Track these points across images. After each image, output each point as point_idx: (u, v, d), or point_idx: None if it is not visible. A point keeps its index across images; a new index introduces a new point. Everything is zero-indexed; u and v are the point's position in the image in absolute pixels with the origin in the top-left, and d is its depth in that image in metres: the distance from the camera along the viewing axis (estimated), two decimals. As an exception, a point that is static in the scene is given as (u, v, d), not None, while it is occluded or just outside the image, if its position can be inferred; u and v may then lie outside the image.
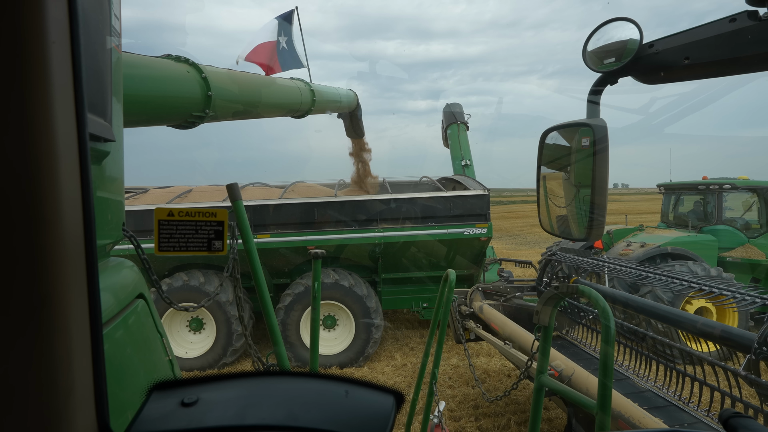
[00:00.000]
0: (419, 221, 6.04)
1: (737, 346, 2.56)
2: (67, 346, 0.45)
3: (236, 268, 2.12)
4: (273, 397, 0.52)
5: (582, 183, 1.50)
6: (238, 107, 3.14)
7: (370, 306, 5.95)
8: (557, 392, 1.82)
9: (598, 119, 1.40)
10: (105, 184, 0.94)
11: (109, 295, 0.90)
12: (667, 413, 2.91)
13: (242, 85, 3.24)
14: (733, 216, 7.67)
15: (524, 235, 22.73)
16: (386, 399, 0.54)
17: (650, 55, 1.31)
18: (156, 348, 1.05)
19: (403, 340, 7.03)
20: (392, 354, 6.44)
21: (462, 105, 8.95)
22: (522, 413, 4.68)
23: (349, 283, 5.94)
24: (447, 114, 8.84)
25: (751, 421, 0.68)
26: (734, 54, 1.16)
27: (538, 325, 1.85)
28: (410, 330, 7.47)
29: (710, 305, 5.78)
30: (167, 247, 0.96)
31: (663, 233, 7.41)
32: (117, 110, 0.96)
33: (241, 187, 7.82)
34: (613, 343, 1.58)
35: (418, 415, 4.10)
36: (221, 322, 5.83)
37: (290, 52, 6.26)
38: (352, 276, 6.07)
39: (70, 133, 0.46)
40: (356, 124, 7.32)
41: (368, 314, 5.94)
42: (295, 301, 5.90)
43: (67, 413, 0.45)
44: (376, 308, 6.04)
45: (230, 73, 3.11)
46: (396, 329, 7.55)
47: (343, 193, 6.83)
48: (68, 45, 0.46)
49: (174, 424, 0.48)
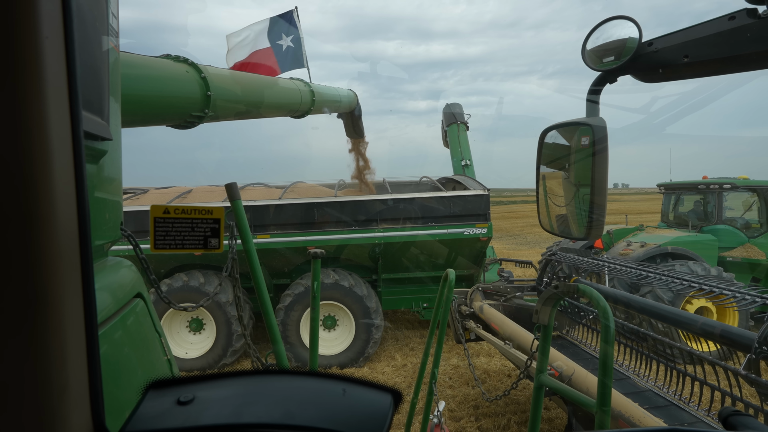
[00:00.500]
0: (419, 221, 6.04)
1: (737, 346, 2.56)
2: (62, 345, 0.45)
3: (235, 268, 2.11)
4: (270, 396, 0.52)
5: (582, 182, 1.50)
6: (238, 107, 3.14)
7: (370, 306, 5.95)
8: (557, 391, 1.81)
9: (597, 118, 1.39)
10: (103, 183, 0.94)
11: (107, 294, 0.90)
12: (667, 413, 2.91)
13: (242, 85, 3.24)
14: (733, 216, 7.67)
15: (524, 235, 22.73)
16: (384, 397, 0.54)
17: (649, 53, 1.31)
18: (154, 347, 1.05)
19: (403, 340, 7.02)
20: (392, 354, 6.44)
21: (462, 105, 8.95)
22: (522, 413, 4.67)
23: (349, 283, 5.94)
24: (447, 114, 8.84)
25: (750, 419, 0.68)
26: (733, 52, 1.15)
27: (537, 325, 1.85)
28: (410, 330, 7.47)
29: (710, 305, 5.78)
30: (163, 245, 0.95)
31: (663, 233, 7.40)
32: (114, 109, 0.96)
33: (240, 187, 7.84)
34: (613, 342, 1.58)
35: (418, 416, 4.10)
36: (221, 323, 5.82)
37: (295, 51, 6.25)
38: (352, 276, 6.07)
39: (64, 130, 0.46)
40: (356, 123, 7.32)
41: (368, 314, 5.94)
42: (295, 302, 5.90)
43: (62, 411, 0.45)
44: (376, 308, 6.04)
45: (230, 72, 3.11)
46: (396, 329, 7.54)
47: (343, 193, 6.83)
48: (62, 41, 0.46)
49: (170, 422, 0.47)
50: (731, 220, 7.56)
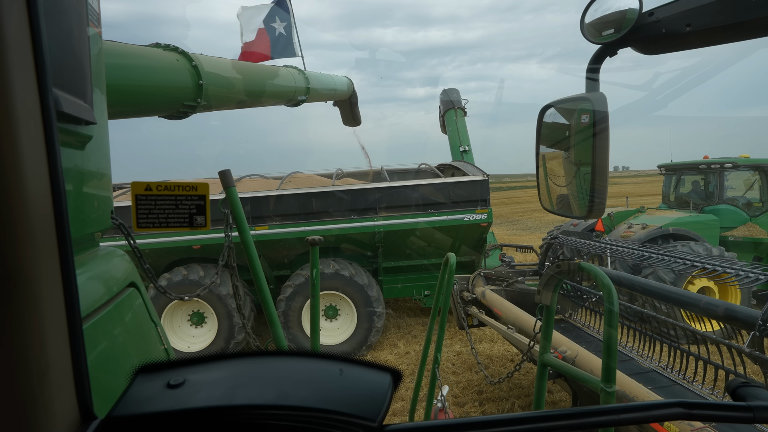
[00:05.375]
0: (419, 209, 6.01)
1: (741, 324, 2.55)
2: (40, 328, 0.43)
3: (231, 257, 2.09)
4: (263, 377, 0.50)
5: (582, 161, 1.47)
6: (231, 96, 3.09)
7: (371, 295, 5.95)
8: (561, 371, 1.81)
9: (597, 93, 1.36)
10: (90, 169, 0.91)
11: (98, 283, 0.88)
12: (671, 392, 2.92)
13: (234, 74, 3.18)
14: (734, 195, 7.63)
15: (525, 221, 22.73)
16: (383, 377, 0.52)
17: (650, 23, 1.27)
18: (150, 337, 1.03)
19: (405, 328, 7.05)
20: (395, 342, 6.47)
21: (459, 91, 8.86)
22: (526, 397, 4.70)
23: (350, 272, 5.94)
24: (444, 100, 8.76)
25: (761, 390, 0.66)
26: (738, 19, 1.11)
27: (540, 306, 1.84)
28: (412, 318, 7.49)
29: (712, 284, 5.78)
30: (146, 224, 0.93)
31: (664, 214, 7.38)
32: (99, 93, 0.93)
33: (237, 179, 7.72)
34: (617, 319, 1.56)
35: (422, 402, 4.12)
36: (222, 316, 5.83)
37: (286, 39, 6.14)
38: (352, 266, 6.07)
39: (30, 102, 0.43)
40: (353, 111, 7.25)
41: (370, 303, 5.94)
42: (297, 293, 5.90)
43: (43, 396, 0.43)
44: (378, 297, 6.05)
45: (222, 61, 3.05)
46: (398, 317, 7.57)
47: (341, 182, 6.79)
48: (24, 9, 0.43)
49: (159, 405, 0.46)
50: (733, 199, 7.52)
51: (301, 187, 6.20)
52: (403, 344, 6.38)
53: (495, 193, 53.22)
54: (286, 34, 6.10)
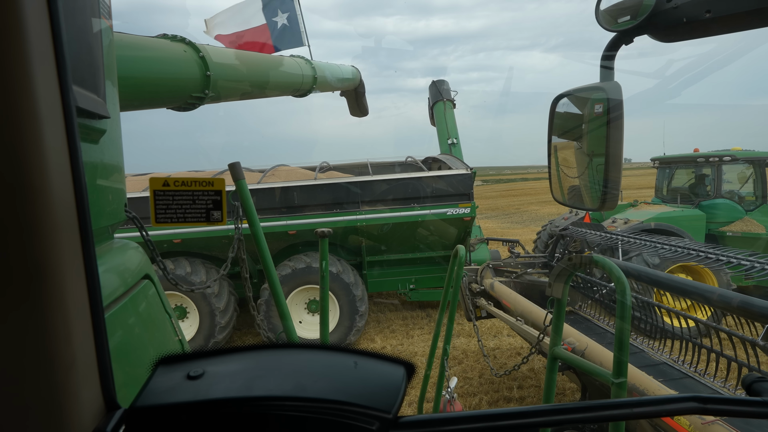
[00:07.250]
0: (401, 202, 5.94)
1: (756, 316, 2.52)
2: (66, 321, 0.45)
3: (242, 249, 2.11)
4: (280, 369, 0.51)
5: (595, 152, 1.44)
6: (239, 87, 3.08)
7: (356, 294, 5.89)
8: (571, 363, 1.80)
9: (612, 82, 1.33)
10: (104, 163, 0.92)
11: (114, 275, 0.89)
12: (683, 385, 2.90)
13: (242, 64, 3.17)
14: (731, 189, 7.41)
15: (520, 214, 22.49)
16: (397, 370, 0.53)
17: (668, 10, 1.23)
18: (165, 328, 1.05)
19: (385, 322, 6.95)
20: (372, 337, 6.41)
21: (449, 82, 8.68)
22: (535, 387, 4.71)
23: (337, 269, 5.88)
24: (433, 91, 8.59)
25: None
26: (761, 4, 1.08)
27: (551, 299, 1.83)
28: (392, 312, 7.38)
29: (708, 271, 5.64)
30: (164, 219, 0.94)
31: (653, 209, 7.17)
32: (111, 87, 0.93)
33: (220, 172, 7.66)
34: (630, 313, 1.55)
35: (430, 393, 4.15)
36: (204, 314, 5.72)
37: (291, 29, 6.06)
38: (340, 262, 6.01)
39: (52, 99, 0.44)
40: (360, 101, 7.20)
41: (353, 302, 5.89)
42: (282, 284, 5.87)
43: (70, 387, 0.45)
44: (362, 296, 5.98)
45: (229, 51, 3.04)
46: (379, 312, 7.45)
47: (325, 176, 6.69)
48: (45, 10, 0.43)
49: (180, 396, 0.47)
50: (729, 193, 7.30)
51: (283, 181, 6.12)
52: (380, 339, 6.33)
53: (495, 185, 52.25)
54: (290, 24, 6.03)
